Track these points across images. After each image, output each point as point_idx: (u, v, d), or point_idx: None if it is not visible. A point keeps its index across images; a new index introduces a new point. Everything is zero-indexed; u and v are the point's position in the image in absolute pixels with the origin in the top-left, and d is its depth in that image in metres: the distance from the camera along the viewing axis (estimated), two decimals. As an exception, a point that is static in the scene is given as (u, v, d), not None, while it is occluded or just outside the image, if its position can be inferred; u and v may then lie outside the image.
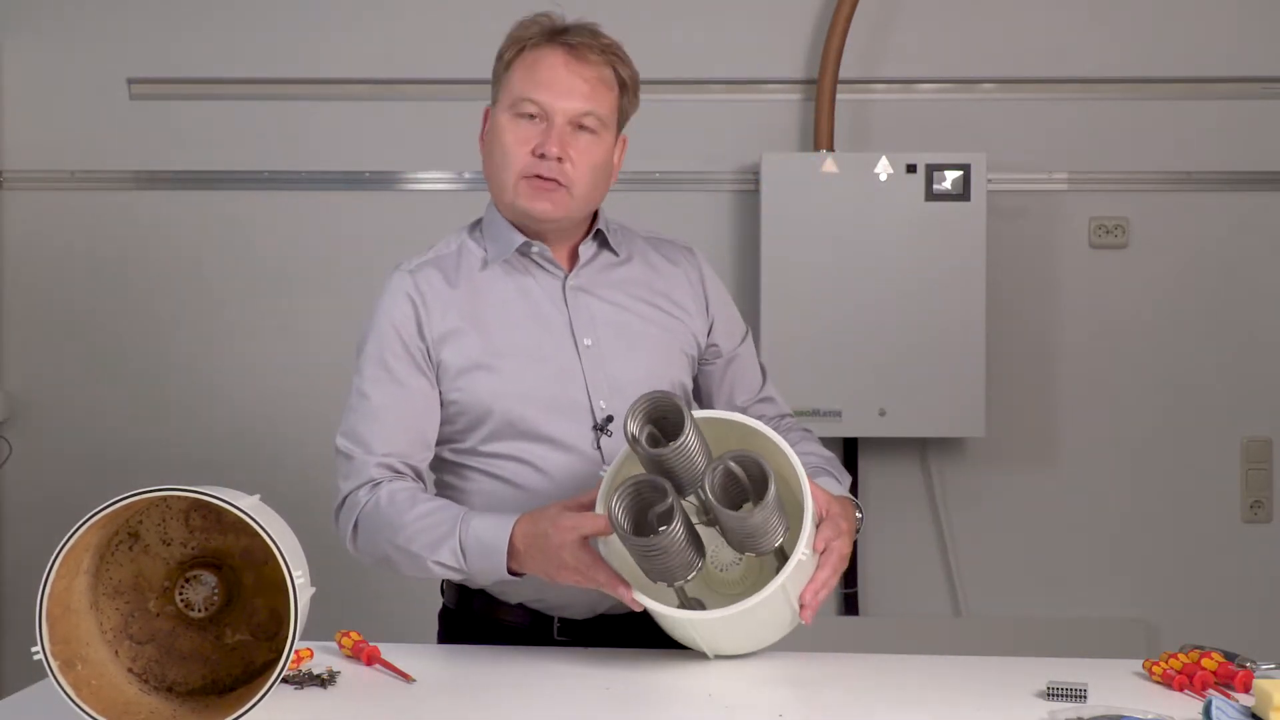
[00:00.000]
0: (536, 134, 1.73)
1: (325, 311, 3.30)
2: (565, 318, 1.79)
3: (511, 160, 1.75)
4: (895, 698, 1.48)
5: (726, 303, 1.92)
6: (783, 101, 3.27)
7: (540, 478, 1.74)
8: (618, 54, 1.78)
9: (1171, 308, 3.26)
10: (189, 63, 3.30)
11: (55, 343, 3.33)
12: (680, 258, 1.90)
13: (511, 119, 1.75)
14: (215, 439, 3.29)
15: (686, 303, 1.87)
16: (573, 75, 1.73)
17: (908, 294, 3.07)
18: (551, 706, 1.45)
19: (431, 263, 1.82)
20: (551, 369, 1.75)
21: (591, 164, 1.75)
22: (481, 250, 1.82)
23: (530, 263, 1.81)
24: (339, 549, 3.38)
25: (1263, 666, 1.51)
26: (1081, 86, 3.26)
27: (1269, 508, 3.27)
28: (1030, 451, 3.28)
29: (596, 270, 1.83)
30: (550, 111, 1.73)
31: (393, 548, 1.68)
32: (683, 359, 1.85)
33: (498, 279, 1.80)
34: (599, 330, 1.79)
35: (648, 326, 1.82)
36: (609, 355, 1.78)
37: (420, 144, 3.30)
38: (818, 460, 1.79)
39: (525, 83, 1.74)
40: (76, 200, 3.32)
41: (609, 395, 1.76)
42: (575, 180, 1.74)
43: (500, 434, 1.75)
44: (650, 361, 1.80)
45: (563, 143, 1.72)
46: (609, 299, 1.82)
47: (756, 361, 1.96)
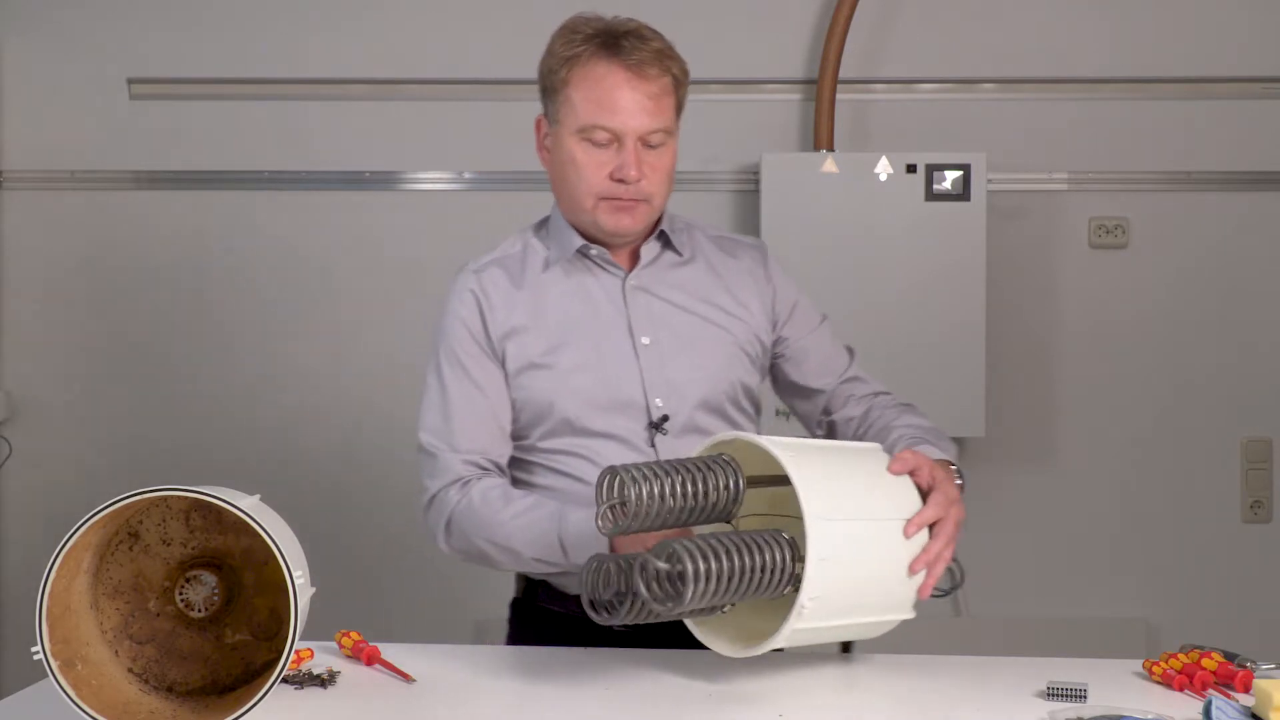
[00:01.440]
0: (610, 157, 1.74)
1: (325, 311, 3.30)
2: (624, 317, 1.80)
3: (588, 185, 1.75)
4: (895, 698, 1.48)
5: (795, 294, 1.92)
6: (783, 101, 3.27)
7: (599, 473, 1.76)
8: (669, 54, 1.77)
9: (1171, 308, 3.26)
10: (189, 63, 3.30)
11: (55, 343, 3.33)
12: (746, 255, 1.91)
13: (581, 142, 1.75)
14: (215, 439, 3.30)
15: (749, 301, 1.86)
16: (637, 94, 1.72)
17: (908, 294, 3.07)
18: (551, 706, 1.45)
19: (496, 262, 1.85)
20: (608, 367, 1.77)
21: (665, 171, 1.77)
22: (545, 250, 1.85)
23: (590, 263, 1.83)
24: (339, 549, 3.39)
25: (1263, 666, 1.51)
26: (1081, 86, 3.26)
27: (1269, 508, 3.27)
28: (1030, 451, 3.28)
29: (658, 270, 1.84)
30: (621, 134, 1.73)
31: (490, 545, 1.72)
32: (742, 358, 1.85)
33: (558, 279, 1.82)
34: (657, 329, 1.80)
35: (706, 326, 1.83)
36: (666, 354, 1.79)
37: (420, 144, 3.30)
38: (917, 431, 1.78)
39: (589, 107, 1.73)
40: (76, 200, 3.32)
41: (666, 394, 1.77)
42: (654, 192, 1.76)
43: (558, 431, 1.78)
44: (707, 360, 1.81)
45: (639, 164, 1.73)
46: (669, 298, 1.82)
47: (836, 345, 1.95)
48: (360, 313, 3.31)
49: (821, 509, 1.41)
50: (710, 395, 1.80)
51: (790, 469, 1.42)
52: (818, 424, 1.96)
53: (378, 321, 3.30)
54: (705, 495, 1.47)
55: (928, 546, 1.53)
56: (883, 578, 1.50)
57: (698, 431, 1.79)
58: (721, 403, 1.82)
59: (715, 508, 1.48)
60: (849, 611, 1.48)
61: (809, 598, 1.39)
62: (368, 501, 3.28)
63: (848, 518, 1.45)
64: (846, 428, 1.90)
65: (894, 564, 1.50)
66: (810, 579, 1.39)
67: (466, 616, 3.17)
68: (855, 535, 1.46)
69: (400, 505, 3.28)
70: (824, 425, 1.95)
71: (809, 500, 1.40)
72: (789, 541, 1.43)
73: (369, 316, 3.31)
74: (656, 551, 1.38)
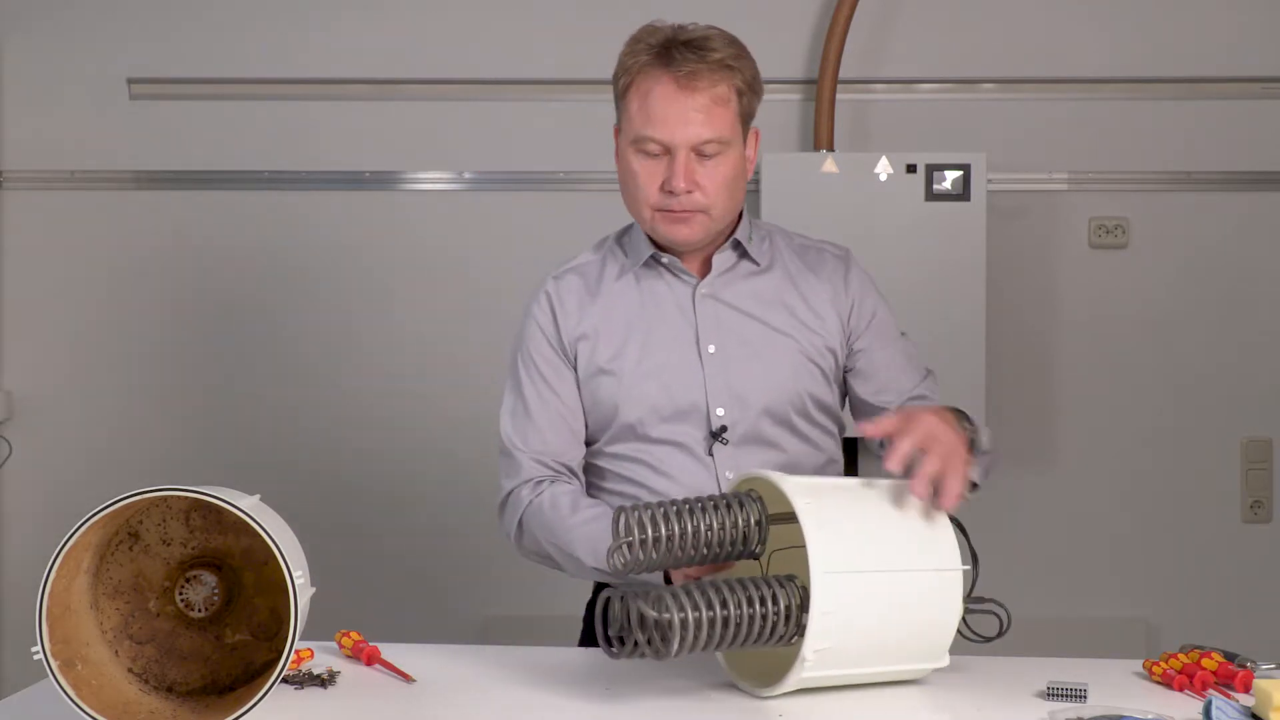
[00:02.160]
0: (661, 169, 1.74)
1: (325, 311, 3.30)
2: (692, 324, 1.81)
3: (643, 195, 1.76)
4: (895, 698, 1.48)
5: (874, 305, 1.88)
6: (783, 101, 3.27)
7: (663, 480, 1.78)
8: (730, 64, 1.74)
9: (1171, 308, 3.26)
10: (189, 63, 3.30)
11: (55, 343, 3.33)
12: (826, 263, 1.88)
13: (636, 154, 1.76)
14: (216, 439, 3.30)
15: (824, 310, 1.84)
16: (685, 107, 1.71)
17: (908, 294, 3.06)
18: (552, 707, 1.45)
19: (575, 270, 1.88)
20: (672, 375, 1.78)
21: (722, 182, 1.75)
22: (623, 257, 1.87)
23: (664, 269, 1.83)
24: (339, 549, 3.39)
25: (1263, 666, 1.51)
26: (1081, 86, 3.26)
27: (1269, 508, 3.27)
28: (1030, 451, 3.28)
29: (731, 279, 1.83)
30: (671, 145, 1.72)
31: (555, 549, 1.76)
32: (812, 369, 1.82)
33: (631, 286, 1.84)
34: (724, 337, 1.80)
35: (775, 335, 1.81)
36: (732, 363, 1.79)
37: (420, 144, 3.30)
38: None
39: (641, 118, 1.73)
40: (76, 200, 3.32)
41: (728, 402, 1.78)
42: (711, 203, 1.75)
43: (622, 436, 1.80)
44: (773, 370, 1.80)
45: (689, 174, 1.72)
46: (739, 306, 1.82)
47: (910, 364, 1.90)
48: (360, 313, 3.31)
49: (830, 562, 1.39)
50: (775, 405, 1.79)
51: (803, 518, 1.40)
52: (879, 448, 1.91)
53: (378, 321, 3.30)
54: (724, 532, 1.46)
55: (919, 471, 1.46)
56: (904, 629, 1.46)
57: (761, 442, 1.79)
58: (787, 413, 1.80)
59: (737, 545, 1.48)
60: (865, 661, 1.46)
61: (811, 650, 1.39)
62: (368, 501, 3.28)
63: (861, 570, 1.42)
64: None
65: (918, 614, 1.47)
66: (813, 633, 1.38)
67: (466, 616, 3.18)
68: (870, 588, 1.42)
69: (401, 505, 3.29)
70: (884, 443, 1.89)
71: (817, 554, 1.39)
72: (801, 590, 1.42)
73: (369, 316, 3.31)
74: (649, 598, 1.37)
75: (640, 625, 1.38)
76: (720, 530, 1.46)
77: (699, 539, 1.45)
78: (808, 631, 1.39)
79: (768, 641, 1.41)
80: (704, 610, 1.37)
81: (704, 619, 1.37)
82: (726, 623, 1.38)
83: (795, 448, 1.82)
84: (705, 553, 1.47)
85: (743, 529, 1.47)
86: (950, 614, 1.49)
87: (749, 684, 1.49)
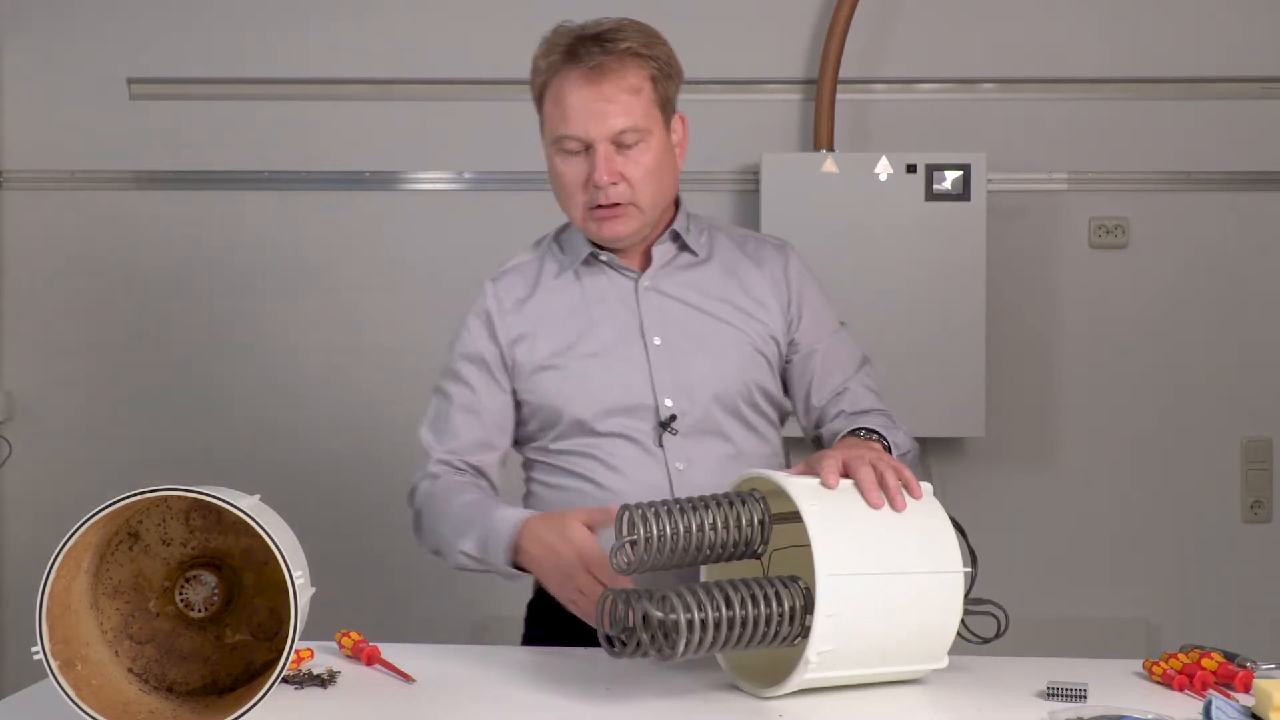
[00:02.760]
0: (584, 166, 1.75)
1: (325, 311, 3.30)
2: (636, 317, 1.81)
3: (572, 198, 1.78)
4: (895, 697, 1.48)
5: (813, 297, 1.90)
6: (783, 101, 3.27)
7: (612, 474, 1.77)
8: (638, 52, 1.74)
9: (1171, 308, 3.26)
10: (189, 63, 3.30)
11: (55, 343, 3.33)
12: (766, 254, 1.90)
13: (558, 154, 1.77)
14: (215, 439, 3.30)
15: (767, 300, 1.85)
16: (596, 99, 1.72)
17: (908, 294, 3.07)
18: (552, 707, 1.45)
19: (513, 270, 1.88)
20: (618, 368, 1.78)
21: (647, 170, 1.75)
22: (561, 256, 1.87)
23: (604, 265, 1.84)
24: (339, 549, 3.40)
25: (1263, 666, 1.51)
26: (1081, 86, 3.26)
27: (1269, 508, 3.27)
28: (1030, 451, 3.28)
29: (672, 270, 1.84)
30: (588, 140, 1.73)
31: (437, 536, 1.77)
32: (758, 359, 1.84)
33: (571, 283, 1.84)
34: (669, 330, 1.80)
35: (720, 326, 1.82)
36: (677, 354, 1.79)
37: (420, 144, 3.30)
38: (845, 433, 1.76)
39: (557, 117, 1.75)
40: (76, 200, 3.32)
41: (676, 394, 1.78)
42: (638, 194, 1.76)
43: (570, 432, 1.80)
44: (719, 360, 1.81)
45: (611, 167, 1.73)
46: (681, 298, 1.83)
47: (847, 355, 1.90)
48: (360, 313, 3.31)
49: (836, 564, 1.39)
50: (723, 395, 1.80)
51: (808, 520, 1.40)
52: (813, 440, 1.92)
53: (378, 321, 3.30)
54: (727, 532, 1.46)
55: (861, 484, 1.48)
56: (905, 630, 1.46)
57: (710, 432, 1.79)
58: (736, 403, 1.81)
59: (740, 544, 1.48)
60: (866, 663, 1.46)
61: (815, 653, 1.39)
62: (368, 502, 3.28)
63: (866, 572, 1.42)
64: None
65: (919, 616, 1.47)
66: (817, 635, 1.38)
67: (466, 616, 3.18)
68: (873, 590, 1.42)
69: (400, 505, 3.28)
70: (814, 441, 1.91)
71: (822, 555, 1.39)
72: (805, 591, 1.42)
73: (369, 316, 3.31)
74: (654, 599, 1.37)
75: (644, 625, 1.38)
76: (724, 529, 1.46)
77: (702, 537, 1.45)
78: (812, 634, 1.38)
79: (771, 643, 1.41)
80: (710, 611, 1.37)
81: (710, 620, 1.36)
82: (732, 624, 1.38)
83: (743, 438, 1.82)
84: (708, 552, 1.47)
85: (745, 528, 1.47)
86: (951, 615, 1.49)
87: (749, 684, 1.49)
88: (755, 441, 1.84)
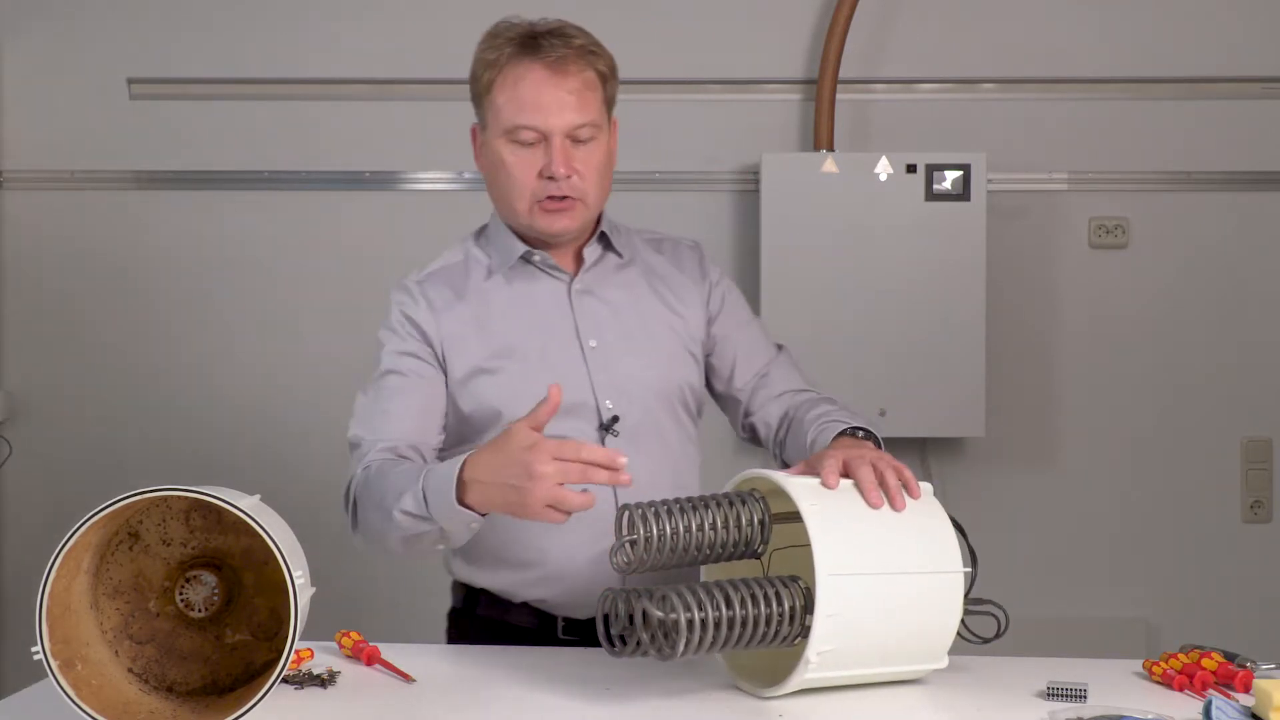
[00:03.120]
0: (538, 157, 1.74)
1: (325, 311, 3.30)
2: (570, 320, 1.80)
3: (520, 188, 1.76)
4: (895, 697, 1.48)
5: (727, 290, 1.92)
6: (783, 101, 3.27)
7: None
8: (592, 50, 1.77)
9: (1171, 308, 3.26)
10: (189, 63, 3.30)
11: (55, 343, 3.33)
12: (683, 254, 1.92)
13: (508, 144, 1.75)
14: (215, 439, 3.29)
15: (690, 298, 1.87)
16: (558, 90, 1.72)
17: (908, 294, 3.07)
18: (552, 707, 1.45)
19: (438, 274, 1.85)
20: (556, 371, 1.75)
21: (597, 169, 1.77)
22: (487, 259, 1.85)
23: (534, 269, 1.83)
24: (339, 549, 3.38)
25: (1263, 666, 1.51)
26: (1081, 86, 3.26)
27: (1269, 508, 3.27)
28: (1030, 451, 3.28)
29: (602, 272, 1.84)
30: (547, 132, 1.73)
31: (376, 515, 1.63)
32: (687, 358, 1.85)
33: (502, 286, 1.82)
34: (604, 332, 1.80)
35: (652, 326, 1.83)
36: (614, 356, 1.79)
37: (420, 144, 3.30)
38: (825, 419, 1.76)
39: (513, 108, 1.73)
40: (76, 200, 3.32)
41: (615, 395, 1.77)
42: (587, 190, 1.76)
43: None
44: (655, 360, 1.81)
45: (567, 160, 1.73)
46: (613, 300, 1.83)
47: (763, 344, 1.92)
48: (360, 313, 3.28)
49: (836, 564, 1.39)
50: (660, 395, 1.80)
51: (808, 520, 1.41)
52: (741, 428, 1.92)
53: (377, 321, 3.28)
54: (726, 532, 1.46)
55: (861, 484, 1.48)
56: (905, 630, 1.46)
57: (650, 433, 1.79)
58: (672, 403, 1.82)
59: (740, 544, 1.48)
60: (867, 663, 1.46)
61: (815, 653, 1.39)
62: (368, 501, 3.28)
63: (865, 572, 1.42)
64: (768, 433, 1.87)
65: (919, 616, 1.47)
66: (817, 635, 1.38)
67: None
68: (873, 590, 1.42)
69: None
70: (746, 429, 1.92)
71: (822, 555, 1.39)
72: (805, 591, 1.42)
73: (369, 317, 3.27)
74: (654, 598, 1.37)
75: (644, 625, 1.38)
76: (724, 529, 1.46)
77: (702, 537, 1.45)
78: (812, 634, 1.39)
79: (771, 642, 1.41)
80: (710, 610, 1.37)
81: (710, 619, 1.36)
82: (732, 623, 1.38)
83: (677, 437, 1.83)
84: (708, 552, 1.47)
85: (745, 528, 1.47)
86: (951, 615, 1.50)
87: (749, 684, 1.49)
88: (686, 440, 1.85)
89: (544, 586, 1.76)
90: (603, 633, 1.41)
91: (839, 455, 1.53)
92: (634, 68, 3.38)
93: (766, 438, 1.88)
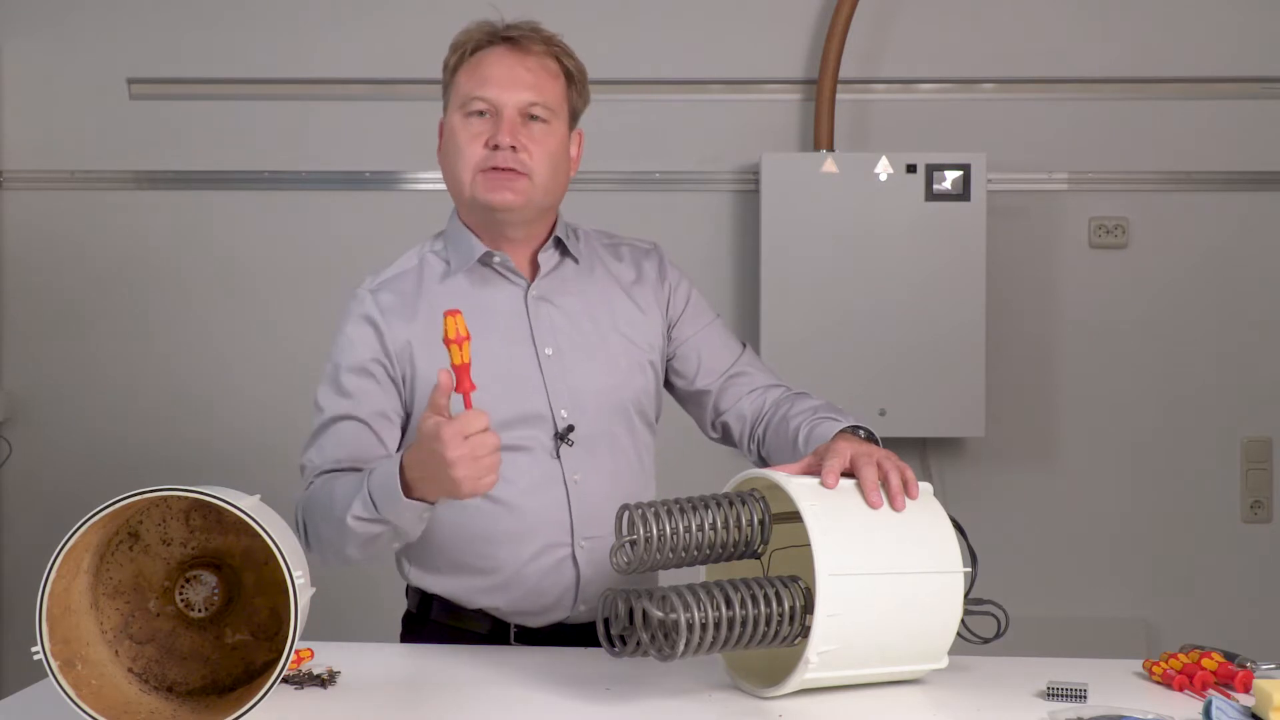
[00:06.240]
0: (488, 128, 1.75)
1: (326, 311, 3.27)
2: (527, 327, 1.79)
3: (466, 156, 1.76)
4: (895, 698, 1.48)
5: (688, 292, 1.91)
6: (783, 101, 3.27)
7: (508, 486, 1.72)
8: (561, 46, 1.80)
9: (1171, 308, 3.26)
10: (189, 63, 3.30)
11: (55, 343, 3.33)
12: (641, 259, 1.91)
13: (463, 118, 1.76)
14: (215, 439, 3.29)
15: (649, 305, 1.86)
16: (516, 67, 1.75)
17: (908, 294, 3.07)
18: (552, 707, 1.45)
19: (391, 282, 1.82)
20: (512, 379, 1.75)
21: (547, 151, 1.76)
22: (443, 262, 1.83)
23: (492, 273, 1.81)
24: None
25: (1263, 666, 1.51)
26: (1081, 86, 3.26)
27: (1269, 508, 3.27)
28: (1030, 451, 3.28)
29: (558, 279, 1.83)
30: (499, 105, 1.74)
31: (328, 527, 1.64)
32: (645, 366, 1.84)
33: (459, 290, 1.80)
34: (560, 340, 1.79)
35: (609, 334, 1.82)
36: (570, 364, 1.78)
37: (420, 144, 3.27)
38: (813, 415, 1.76)
39: (472, 83, 1.76)
40: (76, 200, 3.32)
41: (570, 404, 1.76)
42: (534, 168, 1.75)
43: None
44: (611, 369, 1.80)
45: (515, 132, 1.74)
46: (570, 308, 1.81)
47: (727, 341, 1.92)
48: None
49: (836, 564, 1.39)
50: (616, 403, 1.80)
51: (808, 520, 1.41)
52: (711, 427, 1.91)
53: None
54: (726, 531, 1.46)
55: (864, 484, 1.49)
56: (905, 630, 1.47)
57: (605, 442, 1.78)
58: (628, 411, 1.81)
59: (739, 544, 1.48)
60: (867, 663, 1.46)
61: (815, 653, 1.39)
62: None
63: (865, 572, 1.42)
64: (742, 429, 1.86)
65: (919, 616, 1.47)
66: (817, 635, 1.38)
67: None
68: (873, 590, 1.42)
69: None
70: (718, 428, 1.90)
71: (822, 555, 1.39)
72: (805, 591, 1.42)
73: (369, 316, 3.30)
74: (654, 598, 1.37)
75: (644, 625, 1.38)
76: (724, 529, 1.46)
77: (702, 537, 1.45)
78: (812, 634, 1.39)
79: (771, 642, 1.41)
80: (710, 611, 1.37)
81: (710, 620, 1.36)
82: (732, 624, 1.38)
83: (631, 446, 1.82)
84: (708, 552, 1.47)
85: (745, 528, 1.47)
86: (951, 615, 1.50)
87: (749, 684, 1.49)
88: (642, 449, 1.85)
89: (497, 594, 1.76)
90: (603, 633, 1.41)
91: (846, 451, 1.53)
92: (634, 68, 3.40)
93: (740, 434, 1.87)
